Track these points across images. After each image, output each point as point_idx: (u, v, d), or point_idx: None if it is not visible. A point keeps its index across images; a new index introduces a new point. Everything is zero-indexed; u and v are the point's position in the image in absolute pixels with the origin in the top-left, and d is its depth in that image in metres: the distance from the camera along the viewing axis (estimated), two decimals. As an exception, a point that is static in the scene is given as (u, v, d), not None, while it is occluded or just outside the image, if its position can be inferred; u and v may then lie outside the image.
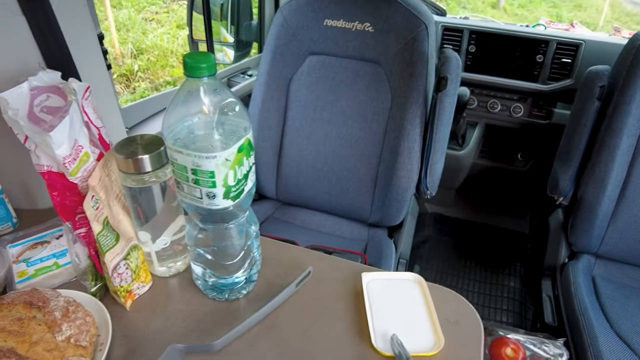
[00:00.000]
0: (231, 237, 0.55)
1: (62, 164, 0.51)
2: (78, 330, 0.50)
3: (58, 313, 0.50)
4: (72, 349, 0.48)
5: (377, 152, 1.17)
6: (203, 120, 0.46)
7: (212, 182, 0.47)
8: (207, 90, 0.45)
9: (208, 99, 0.45)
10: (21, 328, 0.48)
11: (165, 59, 3.22)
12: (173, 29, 3.58)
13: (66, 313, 0.51)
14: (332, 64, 1.18)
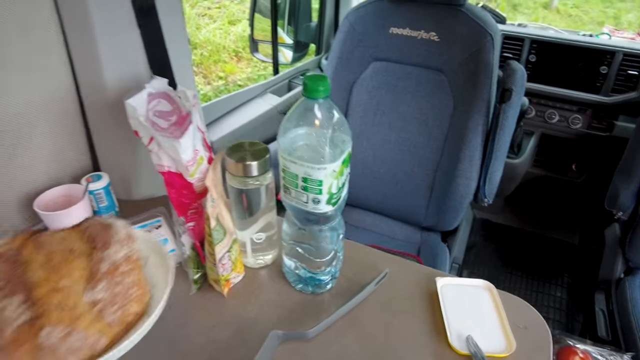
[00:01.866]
0: (325, 237, 0.61)
1: (186, 167, 0.58)
2: (111, 300, 0.43)
3: (106, 265, 0.44)
4: (88, 320, 0.42)
5: (436, 158, 1.20)
6: (316, 135, 0.52)
7: (319, 189, 0.53)
8: (322, 109, 0.51)
9: (322, 117, 0.51)
10: (63, 263, 0.43)
11: (218, 54, 3.33)
12: (225, 24, 3.69)
13: (113, 270, 0.44)
14: (396, 71, 1.22)
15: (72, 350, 0.40)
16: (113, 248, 0.45)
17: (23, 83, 0.70)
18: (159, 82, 0.70)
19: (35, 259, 0.42)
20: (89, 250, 0.44)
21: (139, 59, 0.78)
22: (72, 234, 0.46)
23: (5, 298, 0.38)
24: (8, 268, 0.40)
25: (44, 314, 0.39)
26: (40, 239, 0.44)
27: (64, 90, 0.76)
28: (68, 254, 0.43)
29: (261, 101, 1.45)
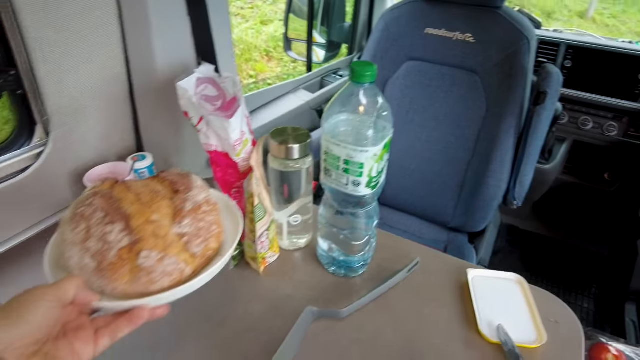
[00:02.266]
0: (360, 221, 0.63)
1: (233, 146, 0.61)
2: (196, 234, 0.47)
3: (190, 204, 0.47)
4: (177, 249, 0.45)
5: (467, 158, 1.21)
6: (360, 119, 0.54)
7: (360, 172, 0.55)
8: (367, 94, 0.53)
9: (367, 101, 0.53)
10: (151, 201, 0.46)
11: (250, 53, 3.40)
12: (257, 24, 3.76)
13: (196, 209, 0.47)
14: (429, 70, 1.23)
15: (166, 273, 0.43)
16: (194, 191, 0.49)
17: (84, 65, 0.74)
18: (207, 68, 0.73)
19: (127, 196, 0.46)
20: (171, 194, 0.48)
21: (187, 46, 0.81)
22: (152, 182, 0.50)
23: (108, 225, 0.42)
24: (105, 202, 0.44)
25: (141, 240, 0.43)
26: (126, 184, 0.48)
27: (118, 74, 0.81)
28: (154, 195, 0.47)
29: (294, 97, 1.48)
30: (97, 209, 0.43)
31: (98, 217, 0.43)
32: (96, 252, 0.42)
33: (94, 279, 0.42)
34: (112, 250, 0.42)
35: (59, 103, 0.73)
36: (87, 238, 0.42)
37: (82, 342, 0.37)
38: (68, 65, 0.72)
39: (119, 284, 0.42)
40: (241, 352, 0.57)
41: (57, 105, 0.73)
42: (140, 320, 0.42)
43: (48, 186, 0.78)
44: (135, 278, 0.42)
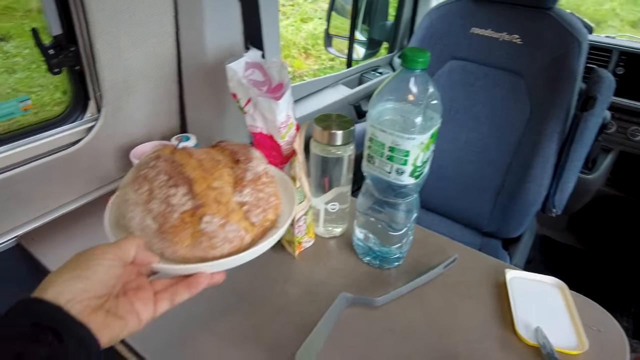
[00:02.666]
0: (400, 212, 0.62)
1: (278, 128, 0.62)
2: (256, 203, 0.46)
3: (250, 174, 0.47)
4: (238, 216, 0.45)
5: (507, 161, 1.18)
6: (409, 106, 0.54)
7: (405, 160, 0.55)
8: (418, 80, 0.53)
9: (417, 89, 0.53)
10: (212, 168, 0.46)
11: (288, 49, 3.43)
12: (297, 21, 3.79)
13: (256, 180, 0.47)
14: (473, 70, 1.21)
15: (227, 239, 0.43)
16: (254, 162, 0.49)
17: (139, 45, 0.77)
18: (255, 53, 0.74)
19: (189, 162, 0.46)
20: (232, 163, 0.48)
21: (237, 31, 0.83)
22: (212, 150, 0.50)
23: (171, 188, 0.42)
24: (169, 165, 0.44)
25: (204, 204, 0.43)
26: (187, 150, 0.48)
27: (169, 56, 0.83)
28: (216, 163, 0.47)
29: (333, 91, 1.48)
30: (161, 172, 0.43)
31: (162, 179, 0.43)
32: (158, 213, 0.41)
33: (154, 240, 0.42)
34: (174, 213, 0.42)
35: (112, 80, 0.76)
36: (150, 199, 0.42)
37: (142, 302, 0.37)
38: (124, 45, 0.75)
39: (180, 247, 0.42)
40: (273, 332, 0.57)
41: (110, 82, 0.76)
42: (199, 286, 0.41)
43: (96, 160, 0.81)
44: (196, 242, 0.42)
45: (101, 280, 0.34)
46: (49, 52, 0.72)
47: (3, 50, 2.24)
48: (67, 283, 0.33)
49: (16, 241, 0.73)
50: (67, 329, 0.31)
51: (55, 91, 0.96)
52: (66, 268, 0.34)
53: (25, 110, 0.74)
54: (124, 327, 0.35)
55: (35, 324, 0.29)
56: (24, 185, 0.72)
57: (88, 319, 0.33)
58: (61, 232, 0.75)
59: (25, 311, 0.31)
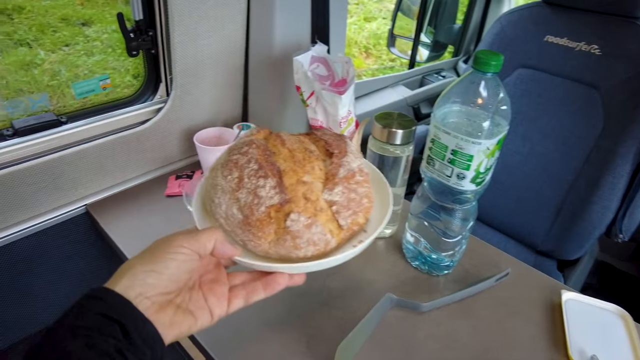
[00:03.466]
0: (456, 219, 0.61)
1: (339, 123, 0.62)
2: (346, 204, 0.42)
3: (343, 171, 0.43)
4: (326, 216, 0.41)
5: (571, 178, 1.11)
6: (477, 110, 0.52)
7: (467, 165, 0.53)
8: (489, 84, 0.51)
9: (487, 92, 0.51)
10: (304, 160, 0.43)
11: (349, 47, 3.43)
12: (360, 20, 3.78)
13: (349, 177, 0.43)
14: (543, 80, 1.15)
15: (311, 241, 0.40)
16: (348, 157, 0.45)
17: (213, 34, 0.80)
18: (321, 47, 0.75)
19: (281, 151, 0.44)
20: (324, 156, 0.45)
21: (305, 24, 0.84)
22: (306, 139, 0.47)
23: (261, 179, 0.40)
24: (261, 154, 0.42)
25: (292, 200, 0.40)
26: (280, 136, 0.46)
27: (238, 45, 0.86)
28: (308, 154, 0.44)
29: (393, 91, 1.47)
30: (252, 160, 0.41)
31: (252, 168, 0.41)
32: (245, 204, 0.40)
33: (238, 231, 0.41)
34: (261, 206, 0.39)
35: (184, 65, 0.79)
36: (239, 188, 0.40)
37: (216, 297, 0.37)
38: (200, 32, 0.78)
39: (263, 242, 0.40)
40: (316, 325, 0.58)
41: (182, 67, 0.79)
42: (278, 287, 0.39)
43: (161, 140, 0.85)
44: (279, 240, 0.40)
45: (173, 275, 0.34)
46: (130, 35, 0.77)
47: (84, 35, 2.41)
48: (139, 277, 0.32)
49: (85, 209, 0.79)
50: (134, 325, 0.30)
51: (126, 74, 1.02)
52: (142, 259, 0.33)
53: (104, 88, 0.79)
54: (193, 324, 0.35)
55: (104, 315, 0.29)
56: (95, 158, 0.77)
57: (156, 316, 0.32)
58: (124, 204, 0.80)
59: (96, 300, 0.30)
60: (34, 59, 2.10)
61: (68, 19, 2.37)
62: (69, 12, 2.38)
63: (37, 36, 2.21)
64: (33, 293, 0.79)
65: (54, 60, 2.19)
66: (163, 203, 0.81)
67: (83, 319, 0.29)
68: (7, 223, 0.72)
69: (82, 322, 0.29)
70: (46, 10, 2.33)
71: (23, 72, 2.08)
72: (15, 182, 0.69)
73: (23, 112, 0.77)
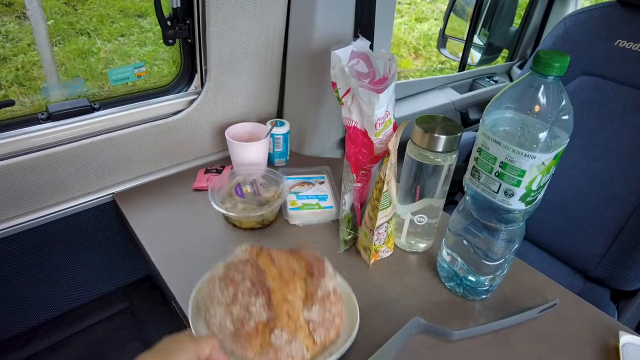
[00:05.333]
0: (499, 240, 0.54)
1: (375, 123, 0.57)
2: (321, 323, 0.48)
3: (321, 292, 0.49)
4: (304, 333, 0.47)
5: (634, 200, 1.00)
6: (534, 118, 0.45)
7: (518, 181, 0.46)
8: (550, 89, 0.44)
9: (547, 98, 0.44)
10: (290, 279, 0.49)
11: (398, 48, 3.33)
12: (411, 20, 3.67)
13: (325, 298, 0.49)
14: (608, 90, 1.04)
15: (290, 355, 0.45)
16: (326, 278, 0.50)
17: (250, 25, 0.77)
18: (363, 42, 0.70)
19: (270, 269, 0.49)
20: (306, 275, 0.50)
21: (348, 18, 0.79)
22: (291, 257, 0.52)
23: (252, 296, 0.46)
24: (254, 272, 0.48)
25: (277, 317, 0.46)
26: (270, 255, 0.52)
27: (276, 39, 0.82)
28: (293, 273, 0.50)
29: (440, 94, 1.39)
30: (246, 278, 0.47)
31: (246, 286, 0.47)
32: (237, 318, 0.45)
33: (228, 340, 0.46)
34: (251, 320, 0.45)
35: (219, 55, 0.77)
36: (233, 302, 0.46)
37: None
38: (237, 22, 0.75)
39: (249, 352, 0.45)
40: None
41: (217, 57, 0.77)
42: None
43: (193, 133, 0.83)
44: (263, 352, 0.45)
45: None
46: (166, 23, 0.75)
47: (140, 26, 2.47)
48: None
49: (112, 197, 0.78)
50: None
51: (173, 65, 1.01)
52: (153, 353, 0.38)
53: (138, 76, 0.78)
54: None
55: None
56: (125, 147, 0.76)
57: None
58: (150, 195, 0.78)
59: None
60: (91, 48, 2.18)
61: (126, 11, 2.44)
62: (127, 4, 2.45)
63: (97, 26, 2.29)
64: (58, 276, 0.79)
65: (109, 49, 2.26)
66: (190, 196, 0.78)
67: None
68: (38, 206, 0.72)
69: None
70: (107, 2, 2.41)
71: (81, 60, 2.16)
72: (47, 166, 0.69)
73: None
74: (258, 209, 0.68)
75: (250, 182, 0.73)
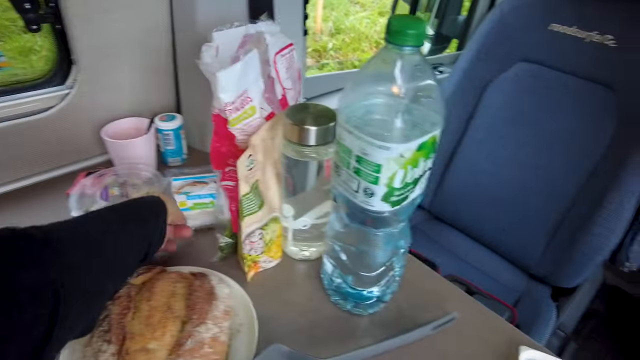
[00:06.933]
0: (376, 245, 0.46)
1: (223, 110, 0.48)
2: None
3: (191, 342, 0.42)
4: None
5: (572, 194, 0.94)
6: (389, 101, 0.37)
7: (375, 177, 0.38)
8: (406, 65, 0.36)
9: (403, 76, 0.36)
10: (159, 324, 0.43)
11: (359, 42, 3.26)
12: (374, 14, 3.61)
13: (196, 349, 0.42)
14: (547, 77, 0.97)
15: None
16: (205, 325, 0.44)
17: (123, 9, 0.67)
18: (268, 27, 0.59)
19: (142, 309, 0.44)
20: (185, 317, 0.44)
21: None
22: (181, 291, 0.46)
23: (104, 343, 0.41)
24: (117, 312, 0.44)
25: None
26: (154, 287, 0.46)
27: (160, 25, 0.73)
28: (168, 314, 0.44)
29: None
30: (106, 318, 0.43)
31: (103, 328, 0.43)
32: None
33: None
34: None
35: (90, 42, 0.67)
36: (89, 344, 0.42)
37: None
38: (103, 6, 0.65)
39: None
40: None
41: (87, 45, 0.67)
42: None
43: (71, 132, 0.73)
44: None
45: None
46: (23, 5, 0.65)
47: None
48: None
49: (-27, 207, 0.68)
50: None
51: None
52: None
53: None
54: None
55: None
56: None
57: None
58: (18, 204, 0.68)
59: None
60: None
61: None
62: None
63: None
64: None
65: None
66: (62, 203, 0.68)
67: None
68: None
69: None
70: None
71: None
72: None
73: None
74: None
75: (120, 184, 0.64)
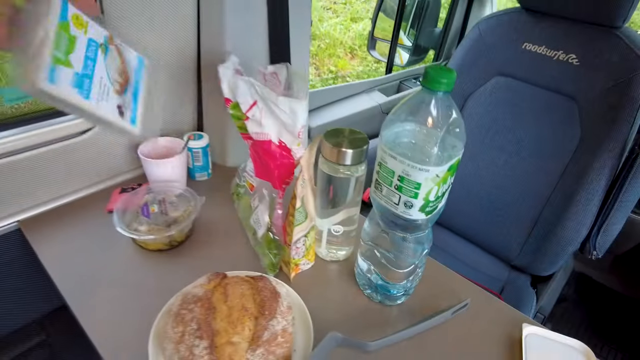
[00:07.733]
0: (407, 248, 0.56)
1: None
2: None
3: (267, 334, 0.48)
4: None
5: (546, 193, 1.07)
6: (426, 132, 0.47)
7: (415, 193, 0.48)
8: (440, 104, 0.46)
9: (438, 113, 0.46)
10: (238, 320, 0.49)
11: (334, 48, 3.37)
12: (347, 20, 3.72)
13: (272, 340, 0.49)
14: (520, 90, 1.11)
15: None
16: (276, 319, 0.50)
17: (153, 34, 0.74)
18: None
19: (221, 308, 0.50)
20: (257, 313, 0.51)
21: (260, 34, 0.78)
22: (248, 291, 0.53)
23: (197, 339, 0.47)
24: (202, 313, 0.49)
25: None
26: (227, 290, 0.53)
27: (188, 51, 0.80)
28: (244, 312, 0.50)
29: (367, 97, 1.41)
30: (194, 318, 0.49)
31: (192, 327, 0.48)
32: (183, 357, 0.47)
33: None
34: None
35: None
36: (181, 341, 0.47)
37: None
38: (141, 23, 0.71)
39: None
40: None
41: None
42: None
43: (104, 151, 0.79)
44: None
45: None
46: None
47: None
48: None
49: (17, 226, 0.72)
50: None
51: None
52: None
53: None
54: None
55: None
56: (28, 170, 0.70)
57: None
58: (60, 221, 0.73)
59: None
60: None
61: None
62: None
63: None
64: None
65: None
66: (102, 219, 0.74)
67: None
68: None
69: None
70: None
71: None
72: None
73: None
74: (164, 230, 0.66)
75: (159, 201, 0.71)
